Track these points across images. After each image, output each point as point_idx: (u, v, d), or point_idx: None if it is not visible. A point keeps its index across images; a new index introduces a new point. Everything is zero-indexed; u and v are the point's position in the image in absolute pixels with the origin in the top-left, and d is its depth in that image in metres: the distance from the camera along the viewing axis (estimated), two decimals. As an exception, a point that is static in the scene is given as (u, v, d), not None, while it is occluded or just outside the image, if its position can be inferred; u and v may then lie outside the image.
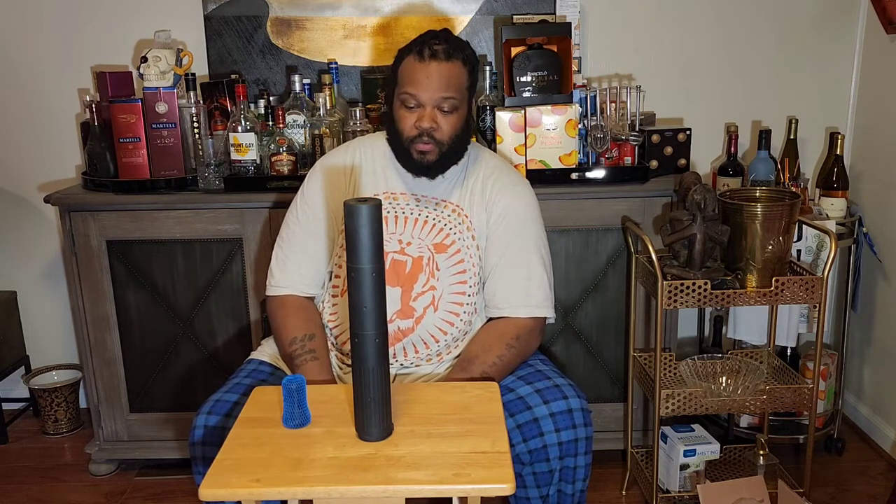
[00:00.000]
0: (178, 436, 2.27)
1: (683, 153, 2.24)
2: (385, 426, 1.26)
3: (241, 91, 2.16)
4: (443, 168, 1.64)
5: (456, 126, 1.61)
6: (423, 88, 1.56)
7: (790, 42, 2.50)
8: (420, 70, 1.56)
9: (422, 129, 1.57)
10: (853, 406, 2.54)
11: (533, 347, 1.69)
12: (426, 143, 1.58)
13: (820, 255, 2.14)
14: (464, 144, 1.66)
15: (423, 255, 1.64)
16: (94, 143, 2.19)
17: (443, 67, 1.56)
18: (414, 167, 1.63)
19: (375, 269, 1.20)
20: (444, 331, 1.65)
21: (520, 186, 1.71)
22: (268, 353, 1.75)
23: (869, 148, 2.45)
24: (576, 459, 1.54)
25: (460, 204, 1.68)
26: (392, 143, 1.66)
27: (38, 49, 2.49)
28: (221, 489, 1.15)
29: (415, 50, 1.57)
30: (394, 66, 1.63)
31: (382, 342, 1.23)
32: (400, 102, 1.60)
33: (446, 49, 1.56)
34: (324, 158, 1.77)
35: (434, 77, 1.55)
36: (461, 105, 1.61)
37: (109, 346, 2.22)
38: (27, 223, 2.63)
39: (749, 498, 1.87)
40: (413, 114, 1.59)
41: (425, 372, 1.67)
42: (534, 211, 1.71)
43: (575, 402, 1.54)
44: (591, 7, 2.46)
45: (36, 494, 2.27)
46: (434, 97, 1.56)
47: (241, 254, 2.15)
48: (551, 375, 1.60)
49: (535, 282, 1.66)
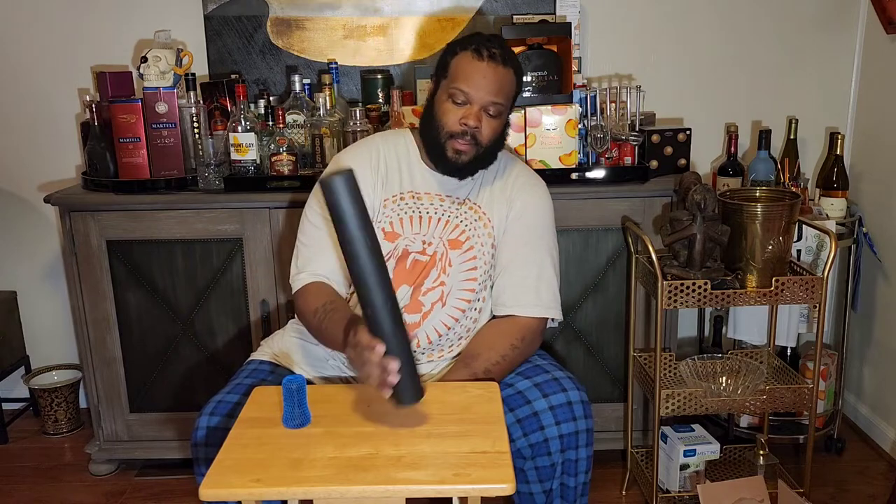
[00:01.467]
0: (178, 436, 2.27)
1: (683, 153, 2.24)
2: (416, 388, 1.26)
3: (241, 91, 2.16)
4: (472, 171, 1.64)
5: (497, 131, 1.61)
6: (477, 88, 1.56)
7: (790, 42, 2.50)
8: (477, 69, 1.56)
9: (467, 127, 1.57)
10: (853, 406, 2.54)
11: (535, 348, 1.69)
12: (466, 143, 1.58)
13: (820, 255, 2.15)
14: (496, 151, 1.66)
15: (438, 251, 1.65)
16: (94, 143, 2.19)
17: (499, 71, 1.57)
18: (446, 165, 1.62)
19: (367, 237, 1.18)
20: (447, 325, 1.65)
21: (539, 188, 1.73)
22: (267, 352, 1.74)
23: (869, 148, 2.45)
24: (577, 452, 1.54)
25: (479, 202, 1.68)
26: (425, 137, 1.65)
27: (38, 49, 2.49)
28: (221, 489, 1.15)
29: (472, 48, 1.57)
30: (443, 59, 1.62)
31: (393, 307, 1.22)
32: (447, 96, 1.59)
33: (503, 55, 1.58)
34: (344, 153, 1.74)
35: (490, 79, 1.56)
36: (504, 112, 1.62)
37: (109, 346, 2.22)
38: (27, 223, 2.63)
39: (749, 498, 1.87)
40: (460, 110, 1.58)
41: (425, 371, 1.66)
42: (550, 214, 1.72)
43: (574, 394, 1.54)
44: (591, 7, 2.46)
45: (36, 494, 2.27)
46: (485, 98, 1.57)
47: (241, 254, 2.15)
48: (549, 369, 1.60)
49: (545, 282, 1.66)
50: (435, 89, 1.64)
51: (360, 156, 1.69)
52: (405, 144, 1.71)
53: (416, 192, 1.67)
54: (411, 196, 1.67)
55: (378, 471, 1.18)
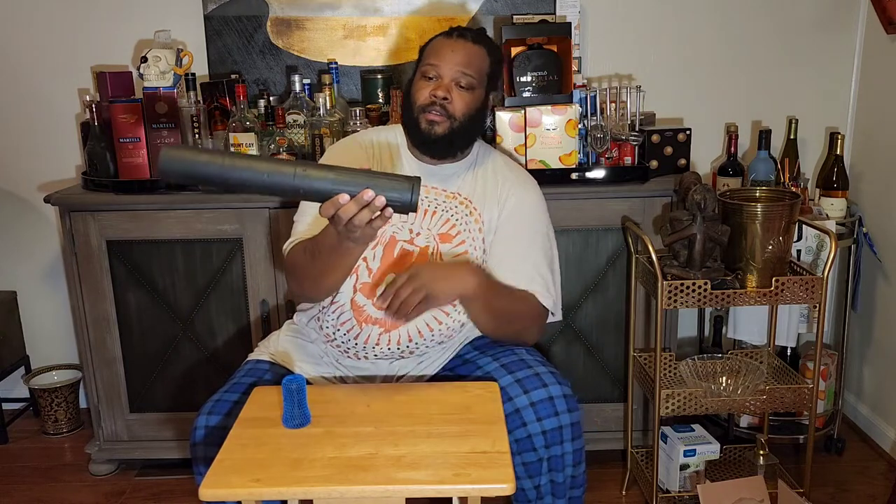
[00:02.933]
0: (178, 436, 2.27)
1: (683, 153, 2.24)
2: (402, 181, 1.27)
3: (241, 91, 2.16)
4: (449, 146, 1.65)
5: (469, 105, 1.63)
6: (445, 60, 1.61)
7: (790, 42, 2.50)
8: (445, 45, 1.63)
9: (436, 98, 1.60)
10: (853, 406, 2.54)
11: (528, 335, 1.69)
12: (437, 115, 1.60)
13: (820, 255, 2.14)
14: (474, 130, 1.68)
15: (430, 245, 1.64)
16: (94, 143, 2.19)
17: (468, 46, 1.63)
18: (420, 138, 1.64)
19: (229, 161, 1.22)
20: (438, 320, 1.63)
21: (530, 184, 1.75)
22: (265, 353, 1.75)
23: (869, 148, 2.45)
24: (562, 447, 1.53)
25: (469, 197, 1.69)
26: (404, 120, 1.68)
27: (38, 49, 2.49)
28: (221, 489, 1.15)
29: (444, 32, 1.66)
30: (421, 49, 1.69)
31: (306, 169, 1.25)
32: (420, 74, 1.65)
33: (473, 35, 1.65)
34: (338, 145, 1.80)
35: (459, 52, 1.62)
36: (478, 87, 1.64)
37: (109, 346, 2.22)
38: (27, 223, 2.63)
39: (749, 498, 1.87)
40: (430, 84, 1.62)
41: (411, 370, 1.67)
42: (545, 212, 1.74)
43: (555, 388, 1.53)
44: (591, 7, 2.46)
45: (36, 494, 2.27)
46: (454, 70, 1.61)
47: (241, 254, 2.15)
48: (533, 364, 1.59)
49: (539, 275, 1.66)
50: (412, 78, 1.69)
51: (355, 148, 1.73)
52: (395, 136, 1.74)
53: None
54: None
55: (378, 471, 1.18)
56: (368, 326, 1.61)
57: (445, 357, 1.70)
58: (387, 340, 1.62)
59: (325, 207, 1.27)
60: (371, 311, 1.60)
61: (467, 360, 1.69)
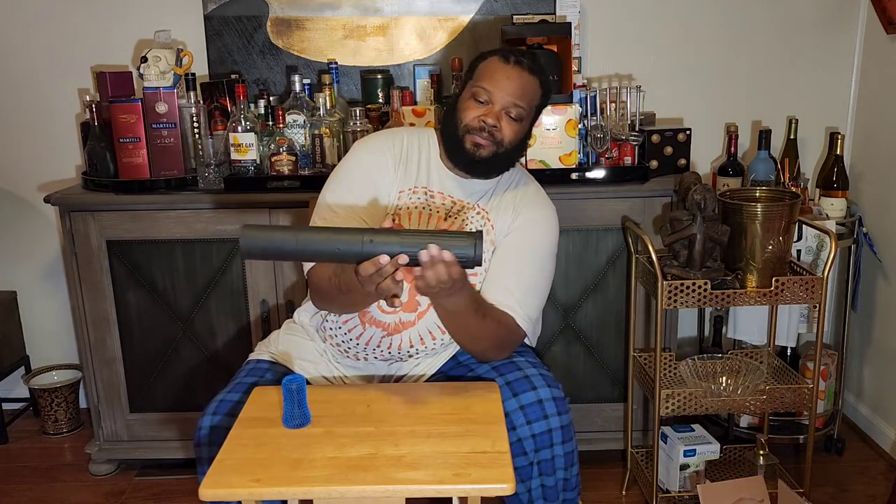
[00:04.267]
0: (179, 436, 2.27)
1: (683, 153, 2.24)
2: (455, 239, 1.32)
3: (241, 91, 2.16)
4: (488, 171, 1.63)
5: (517, 135, 1.61)
6: (499, 87, 1.57)
7: (790, 42, 2.50)
8: (501, 70, 1.58)
9: (485, 125, 1.57)
10: (853, 406, 2.54)
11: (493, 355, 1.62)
12: (484, 139, 1.58)
13: (820, 255, 2.15)
14: (514, 158, 1.66)
15: None
16: (94, 143, 2.19)
17: (524, 76, 1.58)
18: (463, 158, 1.61)
19: (303, 243, 1.29)
20: (442, 330, 1.63)
21: (548, 210, 1.70)
22: (265, 353, 1.75)
23: (869, 148, 2.45)
24: (552, 450, 1.52)
25: (488, 209, 1.67)
26: (445, 133, 1.65)
27: (38, 49, 2.49)
28: (221, 489, 1.15)
29: (501, 53, 1.61)
30: (472, 63, 1.65)
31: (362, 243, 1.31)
32: (470, 94, 1.60)
33: (530, 64, 1.60)
34: (368, 138, 1.74)
35: (514, 81, 1.57)
36: (526, 119, 1.62)
37: (109, 346, 2.22)
38: (27, 223, 2.63)
39: (749, 498, 1.87)
40: (480, 108, 1.59)
41: (420, 372, 1.67)
42: (554, 239, 1.68)
43: (545, 391, 1.52)
44: (591, 7, 2.46)
45: (36, 494, 2.27)
46: (506, 99, 1.57)
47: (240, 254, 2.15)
48: (523, 367, 1.58)
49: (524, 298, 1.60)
50: (460, 91, 1.65)
51: (384, 143, 1.69)
52: (428, 141, 1.71)
53: (429, 188, 1.67)
54: (424, 191, 1.66)
55: (378, 471, 1.18)
56: (371, 328, 1.61)
57: (441, 359, 1.70)
58: (388, 344, 1.62)
59: (365, 267, 1.29)
60: (376, 313, 1.60)
61: (461, 363, 1.69)
